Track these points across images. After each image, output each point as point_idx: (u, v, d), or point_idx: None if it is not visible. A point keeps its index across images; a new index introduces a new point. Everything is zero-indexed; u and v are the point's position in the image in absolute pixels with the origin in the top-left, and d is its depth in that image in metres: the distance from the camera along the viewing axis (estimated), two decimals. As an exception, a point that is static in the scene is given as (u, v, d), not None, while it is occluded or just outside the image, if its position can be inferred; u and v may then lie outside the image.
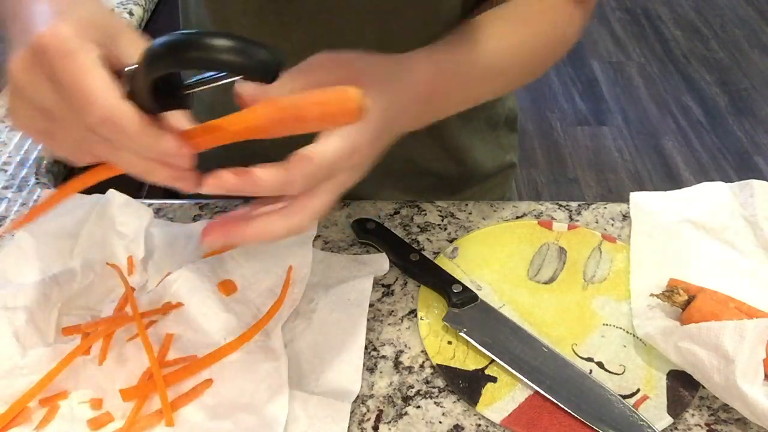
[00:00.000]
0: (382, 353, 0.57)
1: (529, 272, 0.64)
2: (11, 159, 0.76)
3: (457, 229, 0.69)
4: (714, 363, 0.51)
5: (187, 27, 0.72)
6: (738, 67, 2.91)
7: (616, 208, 0.72)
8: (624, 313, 0.60)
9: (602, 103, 2.72)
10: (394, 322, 0.60)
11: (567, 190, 2.31)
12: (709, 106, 2.70)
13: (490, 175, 0.81)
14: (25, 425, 0.50)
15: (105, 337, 0.54)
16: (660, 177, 2.38)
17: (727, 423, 0.53)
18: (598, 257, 0.66)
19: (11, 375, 0.51)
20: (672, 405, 0.53)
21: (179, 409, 0.51)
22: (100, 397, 0.52)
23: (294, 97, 0.40)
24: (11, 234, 0.66)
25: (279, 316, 0.57)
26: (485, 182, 0.81)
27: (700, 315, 0.56)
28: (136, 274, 0.60)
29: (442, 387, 0.55)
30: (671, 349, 0.54)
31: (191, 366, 0.53)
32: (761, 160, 2.44)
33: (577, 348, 0.58)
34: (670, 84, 2.82)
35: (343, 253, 0.65)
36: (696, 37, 3.12)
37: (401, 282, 0.63)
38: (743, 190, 0.69)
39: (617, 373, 0.56)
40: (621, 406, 0.52)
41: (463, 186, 0.79)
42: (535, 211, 0.71)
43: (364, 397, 0.54)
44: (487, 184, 0.81)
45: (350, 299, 0.59)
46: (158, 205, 0.70)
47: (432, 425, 0.52)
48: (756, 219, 0.66)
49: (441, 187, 0.78)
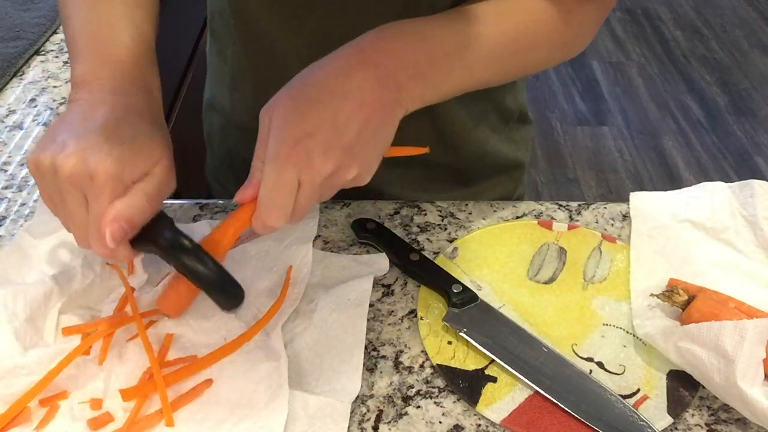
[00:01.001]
0: (382, 353, 0.57)
1: (529, 272, 0.64)
2: (11, 159, 0.76)
3: (457, 229, 0.69)
4: (714, 363, 0.51)
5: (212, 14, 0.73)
6: (738, 67, 2.91)
7: (616, 208, 0.72)
8: (624, 313, 0.60)
9: (602, 103, 2.72)
10: (394, 322, 0.60)
11: (567, 190, 2.31)
12: (709, 106, 2.70)
13: (501, 170, 0.81)
14: (25, 425, 0.50)
15: (105, 337, 0.54)
16: (660, 177, 2.38)
17: (727, 423, 0.53)
18: (598, 257, 0.66)
19: (11, 375, 0.51)
20: (672, 405, 0.53)
21: (179, 409, 0.51)
22: (100, 397, 0.52)
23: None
24: (11, 234, 0.66)
25: (279, 316, 0.57)
26: (497, 176, 0.81)
27: (700, 315, 0.56)
28: (136, 274, 0.60)
29: (442, 387, 0.55)
30: (671, 349, 0.54)
31: (191, 366, 0.53)
32: (761, 160, 2.44)
33: (577, 348, 0.58)
34: (670, 84, 2.82)
35: (343, 253, 0.65)
36: (696, 37, 3.12)
37: (401, 282, 0.63)
38: (743, 190, 0.69)
39: (617, 373, 0.56)
40: (621, 406, 0.52)
41: (474, 179, 0.79)
42: (535, 211, 0.71)
43: (364, 397, 0.54)
44: (498, 178, 0.81)
45: (350, 299, 0.59)
46: (158, 205, 0.70)
47: (432, 425, 0.52)
48: (756, 219, 0.66)
49: (451, 179, 0.78)
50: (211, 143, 0.85)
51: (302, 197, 0.49)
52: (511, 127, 0.79)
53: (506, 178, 0.82)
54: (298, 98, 0.49)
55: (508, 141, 0.79)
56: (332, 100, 0.49)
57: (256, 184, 0.49)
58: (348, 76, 0.50)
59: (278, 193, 0.48)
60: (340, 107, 0.49)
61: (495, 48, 0.57)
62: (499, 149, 0.78)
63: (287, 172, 0.48)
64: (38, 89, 0.87)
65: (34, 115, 0.82)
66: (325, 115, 0.48)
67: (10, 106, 0.84)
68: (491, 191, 0.80)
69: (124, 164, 0.49)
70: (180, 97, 1.34)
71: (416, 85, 0.53)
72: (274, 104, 0.50)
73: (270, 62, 0.67)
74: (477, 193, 0.79)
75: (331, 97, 0.49)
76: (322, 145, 0.48)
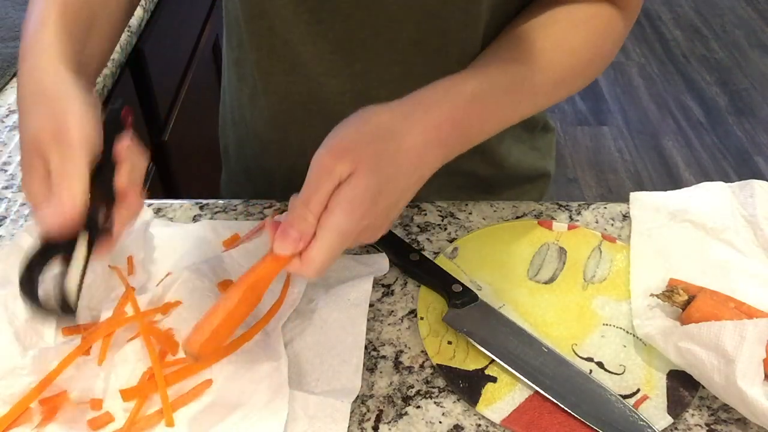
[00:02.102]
0: (382, 353, 0.57)
1: (529, 272, 0.64)
2: (11, 159, 0.76)
3: (457, 229, 0.69)
4: (714, 363, 0.51)
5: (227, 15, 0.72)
6: (738, 67, 2.91)
7: (616, 208, 0.72)
8: (624, 313, 0.60)
9: (602, 103, 2.72)
10: (394, 322, 0.60)
11: (567, 190, 2.31)
12: (709, 106, 2.70)
13: (525, 179, 0.81)
14: (25, 425, 0.50)
15: (105, 337, 0.54)
16: (660, 177, 2.38)
17: (727, 423, 0.53)
18: (598, 257, 0.66)
19: (11, 375, 0.51)
20: (672, 405, 0.53)
21: (179, 409, 0.51)
22: (100, 398, 0.52)
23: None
24: (11, 234, 0.66)
25: (279, 316, 0.57)
26: (521, 186, 0.81)
27: (700, 315, 0.56)
28: (136, 274, 0.60)
29: (442, 387, 0.55)
30: (671, 349, 0.54)
31: (191, 366, 0.53)
32: (761, 160, 2.44)
33: (577, 348, 0.58)
34: (670, 84, 2.82)
35: (343, 253, 0.65)
36: (696, 37, 3.12)
37: (401, 282, 0.63)
38: (743, 190, 0.69)
39: (617, 373, 0.56)
40: (621, 406, 0.52)
41: (498, 188, 0.79)
42: (535, 211, 0.71)
43: (364, 397, 0.54)
44: (523, 187, 0.81)
45: (350, 299, 0.59)
46: (158, 205, 0.70)
47: (432, 425, 0.52)
48: (756, 219, 0.66)
49: (476, 187, 0.77)
50: (227, 159, 0.85)
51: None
52: (535, 135, 0.80)
53: (531, 188, 0.82)
54: (378, 174, 0.48)
55: (532, 150, 0.79)
56: (403, 181, 0.50)
57: (305, 239, 0.47)
58: (424, 161, 0.51)
59: (331, 260, 0.48)
60: (406, 188, 0.50)
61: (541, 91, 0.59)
62: (523, 159, 0.78)
63: (344, 245, 0.48)
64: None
65: (34, 115, 0.82)
66: (392, 198, 0.49)
67: (10, 106, 0.84)
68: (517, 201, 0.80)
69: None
70: (180, 97, 1.34)
71: (462, 149, 0.55)
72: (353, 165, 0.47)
73: (294, 68, 0.66)
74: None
75: (403, 178, 0.50)
76: (378, 227, 0.50)
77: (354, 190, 0.47)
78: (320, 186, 0.47)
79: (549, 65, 0.58)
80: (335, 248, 0.47)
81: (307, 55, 0.64)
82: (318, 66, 0.64)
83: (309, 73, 0.65)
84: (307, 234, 0.47)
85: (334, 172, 0.47)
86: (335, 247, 0.47)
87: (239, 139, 0.79)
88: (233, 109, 0.78)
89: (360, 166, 0.47)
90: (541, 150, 0.81)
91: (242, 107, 0.75)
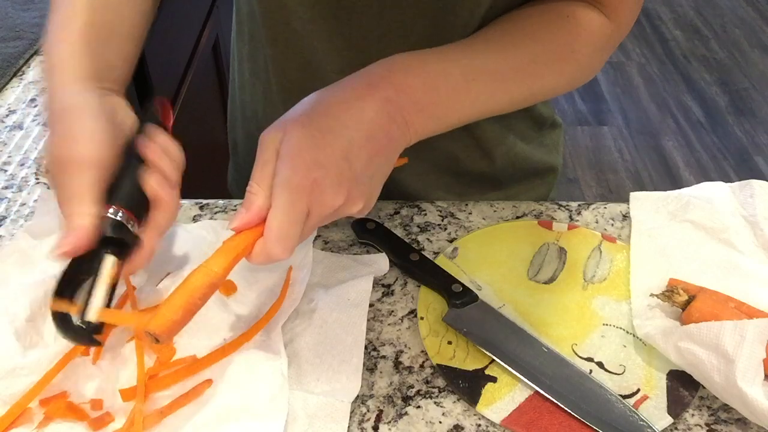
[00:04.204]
0: (382, 353, 0.57)
1: (529, 272, 0.64)
2: (11, 159, 0.76)
3: (457, 229, 0.69)
4: (714, 363, 0.51)
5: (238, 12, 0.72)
6: (738, 67, 2.91)
7: (616, 208, 0.72)
8: (624, 313, 0.60)
9: (602, 103, 2.72)
10: (394, 322, 0.60)
11: (567, 190, 2.31)
12: (709, 106, 2.70)
13: (534, 174, 0.81)
14: (25, 425, 0.50)
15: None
16: (660, 177, 2.38)
17: (727, 423, 0.53)
18: (598, 257, 0.66)
19: (11, 375, 0.51)
20: (672, 405, 0.53)
21: (179, 409, 0.51)
22: (100, 398, 0.52)
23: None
24: (11, 234, 0.66)
25: (279, 316, 0.57)
26: (530, 180, 0.81)
27: (700, 315, 0.56)
28: (136, 274, 0.60)
29: (442, 387, 0.55)
30: (671, 349, 0.54)
31: (191, 366, 0.53)
32: (761, 160, 2.45)
33: (577, 348, 0.58)
34: (670, 84, 2.82)
35: (343, 253, 0.65)
36: (696, 37, 3.12)
37: (401, 282, 0.63)
38: (743, 190, 0.69)
39: (617, 373, 0.56)
40: (621, 406, 0.52)
41: (507, 183, 0.79)
42: (535, 211, 0.71)
43: (364, 397, 0.54)
44: (532, 182, 0.81)
45: (350, 299, 0.59)
46: (158, 205, 0.70)
47: (432, 425, 0.52)
48: (756, 219, 0.66)
49: (485, 184, 0.77)
50: (235, 155, 0.85)
51: (307, 228, 0.48)
52: (543, 133, 0.80)
53: (539, 181, 0.82)
54: (310, 126, 0.48)
55: (539, 146, 0.80)
56: (344, 131, 0.49)
57: (256, 211, 0.47)
58: (361, 109, 0.50)
59: (290, 224, 0.46)
60: (352, 139, 0.49)
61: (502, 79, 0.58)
62: (531, 155, 0.78)
63: (300, 203, 0.46)
64: (38, 89, 0.87)
65: (34, 115, 0.82)
66: (337, 147, 0.48)
67: (10, 106, 0.84)
68: (525, 195, 0.81)
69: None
70: (180, 97, 1.34)
71: (423, 120, 0.53)
72: (283, 129, 0.49)
73: (308, 63, 0.66)
74: (510, 197, 0.79)
75: (343, 128, 0.49)
76: (333, 177, 0.47)
77: (287, 143, 0.48)
78: (259, 159, 0.48)
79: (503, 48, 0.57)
80: (291, 209, 0.46)
81: (322, 51, 0.65)
82: (332, 62, 0.65)
83: (323, 70, 0.66)
84: (259, 206, 0.47)
85: (268, 141, 0.48)
86: (290, 208, 0.46)
87: (249, 134, 0.80)
88: (244, 105, 0.78)
89: (289, 125, 0.48)
90: (548, 146, 0.81)
91: (255, 102, 0.76)
